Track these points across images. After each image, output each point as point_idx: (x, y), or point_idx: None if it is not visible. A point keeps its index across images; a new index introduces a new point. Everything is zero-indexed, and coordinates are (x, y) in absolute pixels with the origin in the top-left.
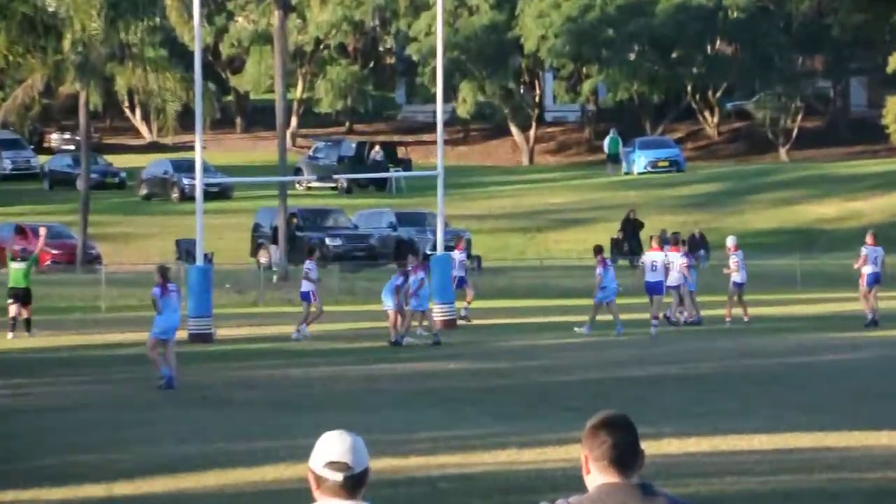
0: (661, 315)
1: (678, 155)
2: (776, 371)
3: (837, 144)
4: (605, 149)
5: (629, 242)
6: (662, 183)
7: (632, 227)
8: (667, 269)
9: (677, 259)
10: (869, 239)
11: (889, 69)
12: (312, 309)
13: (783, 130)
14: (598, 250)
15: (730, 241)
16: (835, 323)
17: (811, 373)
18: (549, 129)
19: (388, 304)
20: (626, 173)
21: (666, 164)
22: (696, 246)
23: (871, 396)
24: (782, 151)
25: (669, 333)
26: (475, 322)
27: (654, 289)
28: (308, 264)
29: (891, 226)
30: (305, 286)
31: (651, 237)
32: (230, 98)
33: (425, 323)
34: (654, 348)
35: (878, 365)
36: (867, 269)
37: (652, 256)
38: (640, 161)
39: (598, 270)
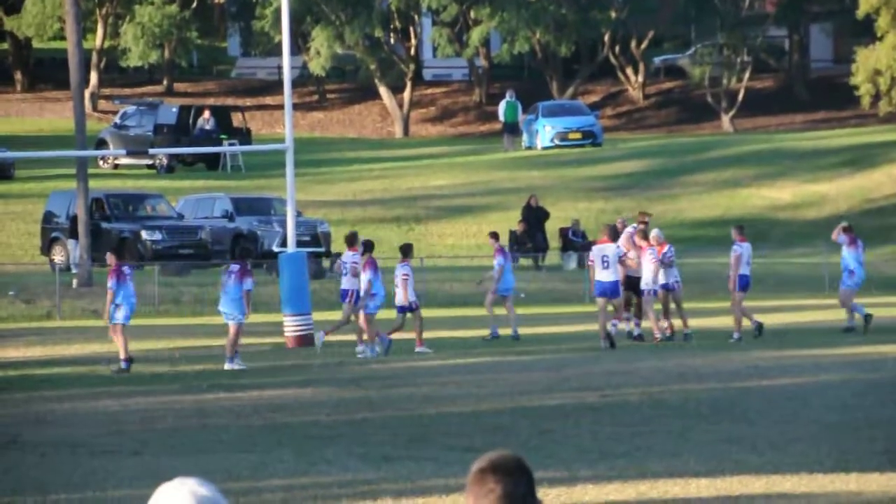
0: (620, 322)
1: (594, 124)
2: (720, 398)
3: (795, 110)
4: (501, 116)
5: (533, 236)
6: (574, 160)
7: (535, 218)
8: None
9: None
10: (736, 234)
11: (859, 13)
12: (354, 318)
13: (726, 93)
14: (495, 236)
15: (654, 234)
16: (793, 337)
17: (763, 400)
18: (429, 91)
19: (233, 315)
20: (528, 148)
21: (578, 136)
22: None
23: (837, 430)
24: (725, 119)
25: (582, 351)
26: (336, 338)
27: (609, 290)
28: (353, 256)
29: (862, 214)
30: (347, 283)
31: (607, 227)
32: (5, 46)
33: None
34: (567, 370)
35: (845, 390)
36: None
37: (603, 250)
38: (545, 132)
39: (498, 261)
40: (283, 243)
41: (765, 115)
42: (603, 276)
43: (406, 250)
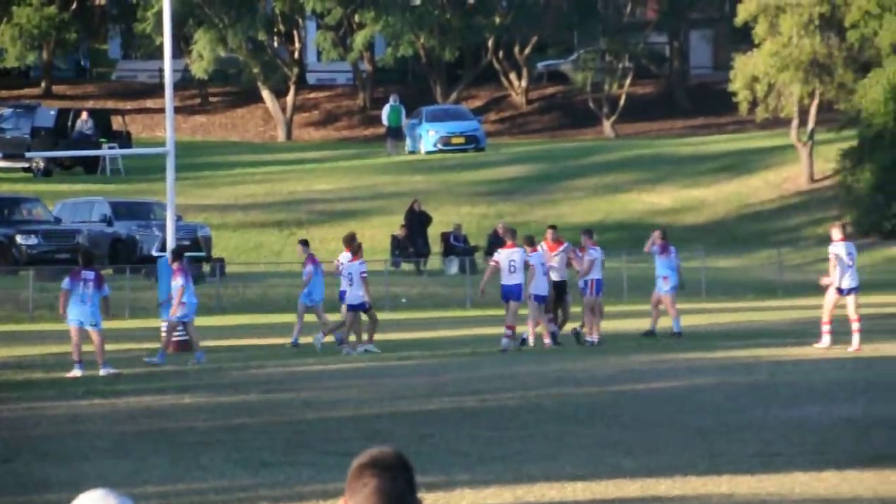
0: (537, 328)
1: (477, 129)
2: (596, 402)
3: (675, 116)
4: (384, 121)
5: (415, 241)
6: (457, 165)
7: (418, 222)
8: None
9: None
10: (587, 240)
11: (738, 20)
12: (370, 319)
13: (608, 98)
14: (305, 243)
15: (548, 236)
16: (669, 341)
17: (639, 404)
18: (313, 95)
19: (93, 322)
20: (411, 152)
21: (461, 140)
22: (499, 245)
23: (710, 433)
24: (607, 125)
25: (462, 355)
26: (216, 343)
27: (513, 294)
28: (360, 266)
29: (738, 220)
30: (355, 297)
31: (509, 230)
32: None
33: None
34: (447, 375)
35: (718, 393)
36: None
37: (509, 255)
38: (428, 137)
39: (308, 269)
40: (163, 248)
41: (646, 121)
42: (508, 280)
43: (358, 248)
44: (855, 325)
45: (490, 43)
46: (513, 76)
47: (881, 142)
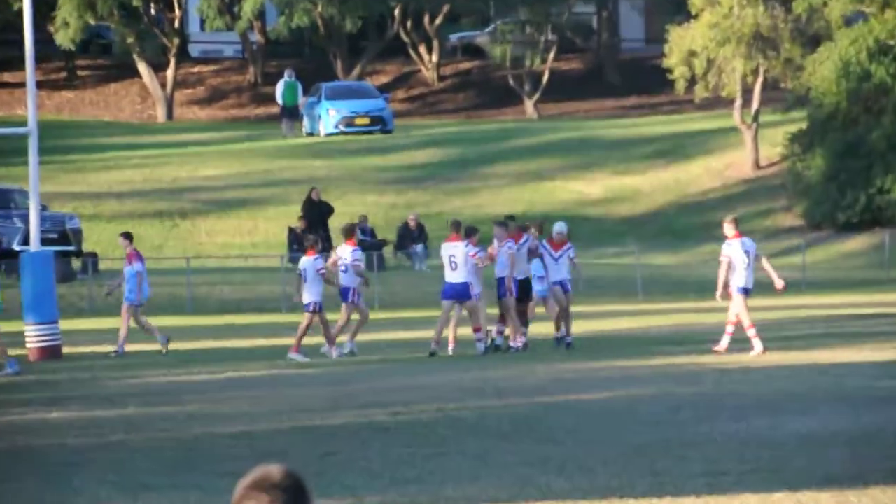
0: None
1: (383, 108)
2: (522, 415)
3: (604, 95)
4: (279, 99)
5: (313, 234)
6: (361, 148)
7: (318, 213)
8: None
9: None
10: (501, 231)
11: None
12: (355, 316)
13: (529, 75)
14: (127, 236)
15: (496, 232)
16: (603, 347)
17: (570, 417)
18: (197, 70)
19: None
20: (310, 134)
21: (366, 121)
22: (411, 239)
23: (651, 449)
24: (529, 104)
25: (371, 363)
26: (88, 349)
27: (460, 293)
28: (355, 253)
29: (677, 211)
30: (348, 280)
31: (453, 222)
32: None
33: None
34: (354, 385)
35: (659, 405)
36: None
37: (450, 250)
38: (328, 117)
39: (134, 267)
40: (26, 241)
41: (572, 100)
42: (452, 277)
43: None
44: (729, 329)
45: (397, 12)
46: (423, 49)
47: (833, 124)
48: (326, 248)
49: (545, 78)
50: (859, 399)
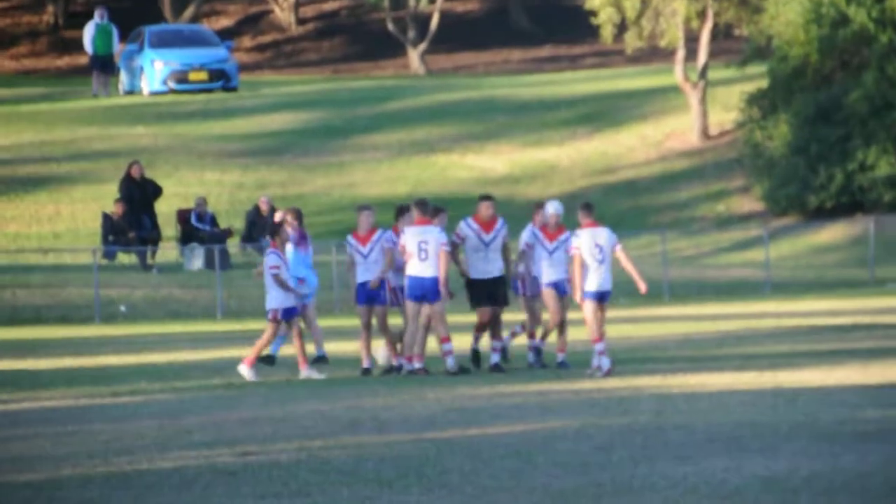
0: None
1: (225, 60)
2: (408, 455)
3: (511, 44)
4: (88, 47)
5: (137, 222)
6: (197, 111)
7: (141, 195)
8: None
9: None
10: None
11: None
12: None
13: (414, 17)
14: None
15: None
16: (511, 367)
17: (471, 457)
18: None
19: None
20: (129, 92)
21: (203, 76)
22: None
23: (574, 497)
24: (414, 56)
25: (214, 388)
26: None
27: (430, 291)
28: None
29: (603, 192)
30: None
31: (417, 203)
32: None
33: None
34: (190, 417)
35: (585, 441)
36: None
37: (420, 234)
38: (154, 71)
39: None
40: None
41: (469, 51)
42: (419, 269)
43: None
44: (599, 346)
45: None
46: None
47: (801, 82)
48: (152, 238)
49: (434, 22)
50: (837, 434)
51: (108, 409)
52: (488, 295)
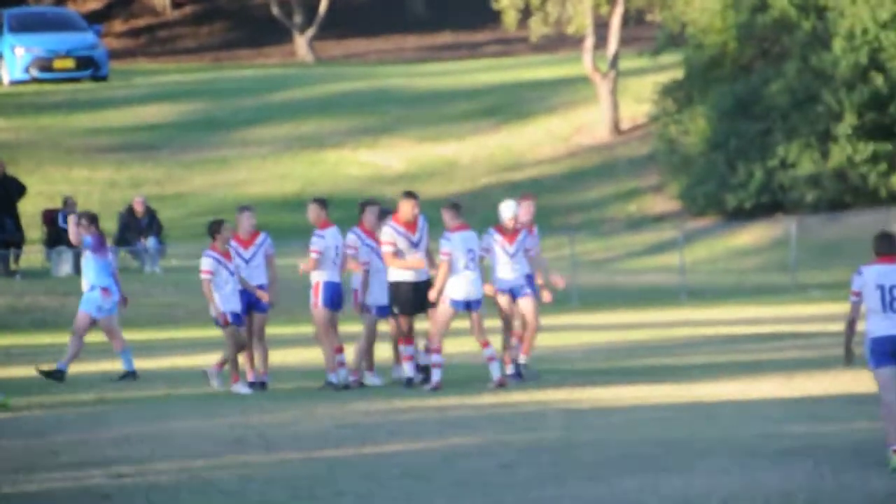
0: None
1: (94, 45)
2: (299, 475)
3: (406, 30)
4: None
5: (1, 222)
6: (64, 103)
7: (2, 193)
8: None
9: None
10: (451, 218)
11: None
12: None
13: (301, 2)
14: None
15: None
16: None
17: (365, 477)
18: None
19: None
20: None
21: (69, 63)
22: (138, 230)
23: None
24: (301, 42)
25: (82, 405)
26: None
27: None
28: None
29: (506, 191)
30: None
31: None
32: None
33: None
34: (59, 435)
35: (488, 459)
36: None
37: (469, 242)
38: (14, 58)
39: None
40: None
41: (360, 37)
42: (471, 278)
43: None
44: (488, 352)
45: None
46: None
47: (718, 72)
48: (15, 241)
49: (323, 5)
50: (758, 451)
51: None
52: (415, 301)
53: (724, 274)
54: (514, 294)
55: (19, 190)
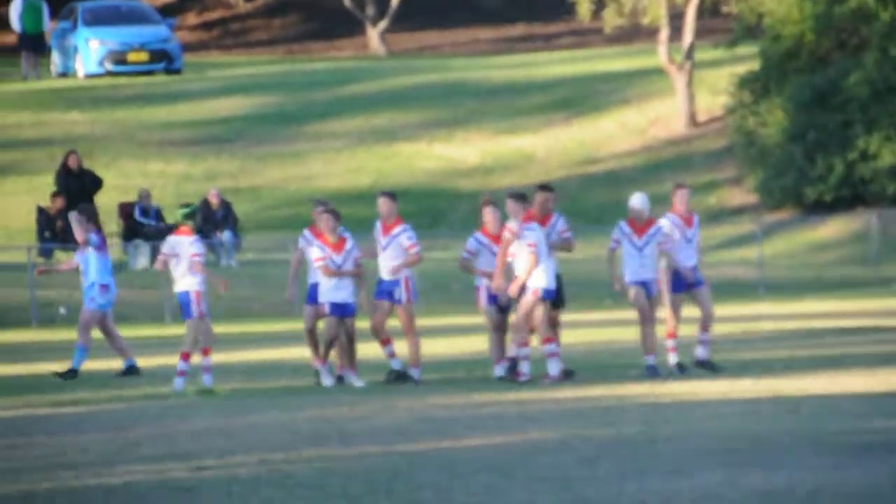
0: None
1: (167, 39)
2: (378, 469)
3: (479, 22)
4: (15, 24)
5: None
6: (137, 96)
7: (78, 187)
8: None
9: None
10: (517, 207)
11: None
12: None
13: None
14: None
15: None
16: (489, 372)
17: (443, 471)
18: None
19: None
20: (63, 75)
21: (143, 57)
22: (213, 223)
23: None
24: (374, 34)
25: (164, 398)
26: None
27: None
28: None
29: (581, 184)
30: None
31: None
32: None
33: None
34: (140, 429)
35: (568, 453)
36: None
37: (539, 232)
38: (89, 51)
39: None
40: None
41: (434, 30)
42: (551, 269)
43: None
44: (549, 348)
45: None
46: None
47: (795, 63)
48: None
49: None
50: (841, 446)
51: (49, 421)
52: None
53: (804, 268)
54: (647, 289)
55: (96, 183)
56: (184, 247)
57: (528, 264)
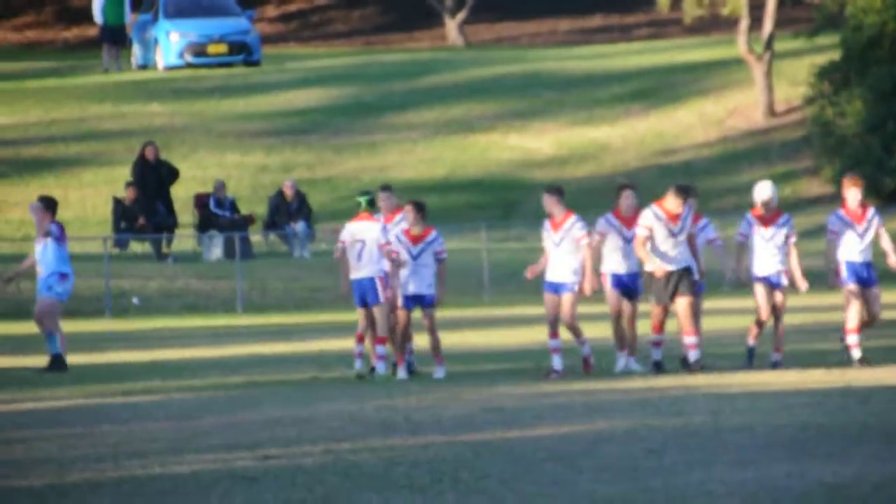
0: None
1: (247, 31)
2: (443, 458)
3: (557, 13)
4: (97, 17)
5: (151, 208)
6: (217, 88)
7: (155, 178)
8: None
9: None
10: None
11: None
12: None
13: None
14: None
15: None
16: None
17: (510, 461)
18: None
19: None
20: (143, 67)
21: (222, 48)
22: (288, 214)
23: None
24: (452, 26)
25: (233, 388)
26: None
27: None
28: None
29: (659, 174)
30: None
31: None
32: None
33: None
34: (208, 418)
35: (634, 443)
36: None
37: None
38: (169, 43)
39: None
40: None
41: (512, 21)
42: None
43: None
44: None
45: None
46: None
47: (876, 54)
48: (168, 225)
49: None
50: None
51: (119, 410)
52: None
53: (879, 257)
54: (772, 284)
55: (172, 174)
56: (370, 233)
57: (595, 253)
